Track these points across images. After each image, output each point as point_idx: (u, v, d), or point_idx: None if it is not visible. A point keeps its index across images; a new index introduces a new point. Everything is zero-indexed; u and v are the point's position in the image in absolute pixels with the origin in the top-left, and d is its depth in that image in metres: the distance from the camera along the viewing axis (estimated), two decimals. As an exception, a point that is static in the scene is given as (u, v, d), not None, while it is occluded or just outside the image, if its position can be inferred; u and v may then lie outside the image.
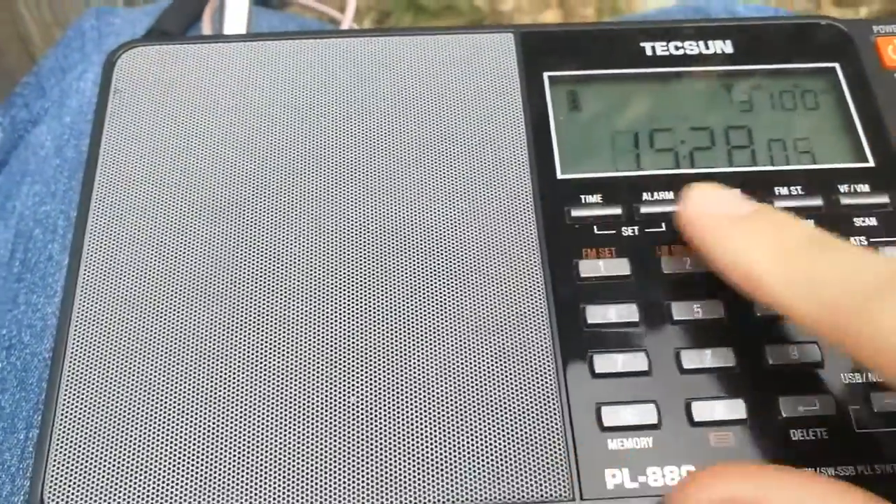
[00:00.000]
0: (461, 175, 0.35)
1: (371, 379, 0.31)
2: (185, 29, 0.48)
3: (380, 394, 0.30)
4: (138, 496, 0.29)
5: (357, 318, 0.32)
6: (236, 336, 0.32)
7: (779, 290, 0.27)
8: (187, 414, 0.30)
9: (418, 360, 0.31)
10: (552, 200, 0.35)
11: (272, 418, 0.30)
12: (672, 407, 0.30)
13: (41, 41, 0.76)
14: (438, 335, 0.31)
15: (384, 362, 0.31)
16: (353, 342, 0.31)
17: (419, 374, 0.31)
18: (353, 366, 0.31)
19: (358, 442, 0.30)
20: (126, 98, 0.37)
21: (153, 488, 0.29)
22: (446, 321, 0.32)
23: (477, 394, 0.30)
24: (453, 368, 0.31)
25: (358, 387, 0.31)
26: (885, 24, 0.39)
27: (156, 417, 0.30)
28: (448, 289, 0.32)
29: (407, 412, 0.30)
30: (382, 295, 0.32)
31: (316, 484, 0.29)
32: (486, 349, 0.31)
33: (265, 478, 0.29)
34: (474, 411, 0.30)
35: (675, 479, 0.29)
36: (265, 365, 0.31)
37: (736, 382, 0.31)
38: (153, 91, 0.37)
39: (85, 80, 0.47)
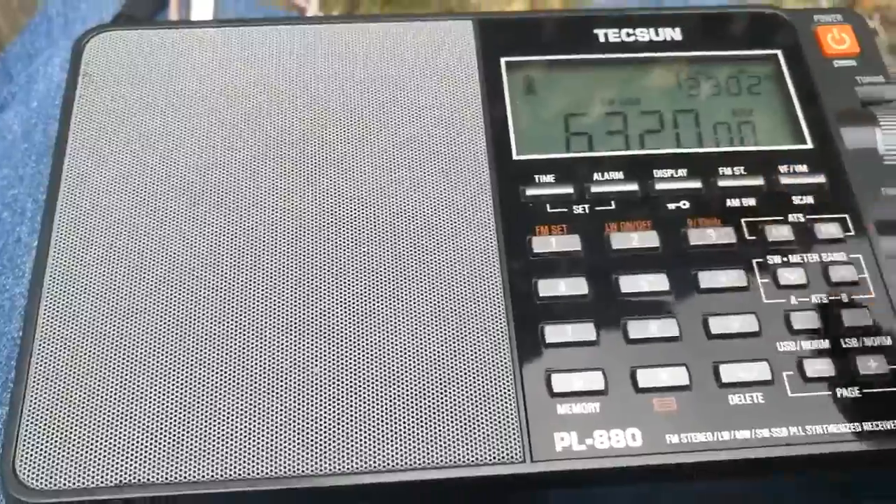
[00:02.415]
0: (421, 155, 0.37)
1: (331, 351, 0.32)
2: (153, 14, 0.48)
3: (339, 365, 0.32)
4: (107, 466, 0.30)
5: (317, 292, 0.33)
6: (200, 314, 0.33)
7: None
8: (155, 386, 0.31)
9: (376, 331, 0.32)
10: (508, 180, 0.36)
11: (239, 390, 0.31)
12: (618, 374, 0.32)
13: (7, 27, 0.76)
14: (396, 307, 0.33)
15: (344, 336, 0.32)
16: (313, 315, 0.33)
17: (376, 344, 0.32)
18: (314, 337, 0.32)
19: (318, 410, 0.31)
20: (95, 82, 0.38)
21: (123, 454, 0.30)
22: (404, 294, 0.33)
23: (432, 362, 0.32)
24: (410, 338, 0.32)
25: (320, 358, 0.32)
26: (825, 14, 0.41)
27: (124, 390, 0.31)
28: (406, 263, 0.34)
29: (363, 380, 0.31)
30: (343, 271, 0.34)
31: (274, 450, 0.30)
32: (443, 320, 0.33)
33: (232, 447, 0.30)
34: (429, 378, 0.31)
35: (621, 442, 0.31)
36: (233, 340, 0.32)
37: (679, 351, 0.32)
38: (121, 75, 0.38)
39: (52, 65, 0.47)
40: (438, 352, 0.32)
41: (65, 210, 0.35)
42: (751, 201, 0.36)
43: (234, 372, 0.31)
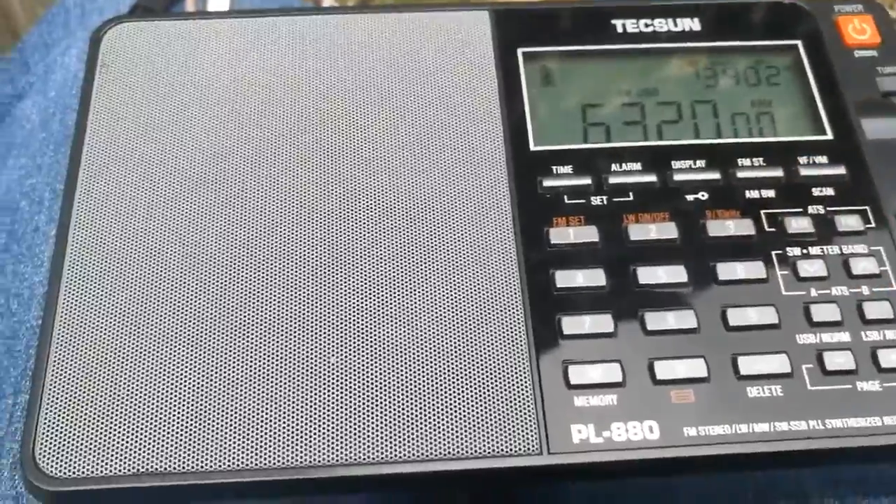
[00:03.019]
0: (438, 147, 0.36)
1: (350, 341, 0.32)
2: (169, 5, 0.48)
3: (358, 355, 0.32)
4: (125, 454, 0.30)
5: (333, 281, 0.33)
6: (217, 304, 0.33)
7: None
8: (173, 375, 0.31)
9: (394, 322, 0.32)
10: (525, 171, 0.36)
11: (257, 379, 0.31)
12: (636, 366, 0.32)
13: (24, 17, 0.76)
14: (412, 297, 0.33)
15: (363, 326, 0.32)
16: (330, 304, 0.33)
17: (395, 335, 0.32)
18: (332, 326, 0.32)
19: (335, 400, 0.31)
20: (113, 73, 0.38)
21: (141, 443, 0.30)
22: (423, 284, 0.33)
23: (450, 353, 0.32)
24: (428, 329, 0.32)
25: (338, 347, 0.32)
26: (846, 4, 0.40)
27: (142, 379, 0.31)
28: (423, 254, 0.34)
29: (382, 371, 0.31)
30: (360, 261, 0.34)
31: (291, 440, 0.30)
32: (460, 311, 0.33)
33: (250, 436, 0.30)
34: (447, 369, 0.31)
35: (638, 435, 0.31)
36: (250, 330, 0.32)
37: (697, 343, 0.32)
38: (139, 66, 0.38)
39: (69, 56, 0.48)
40: (455, 343, 0.32)
41: (83, 199, 0.35)
42: (770, 193, 0.35)
43: (252, 361, 0.32)
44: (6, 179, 0.44)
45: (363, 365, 0.32)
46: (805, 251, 0.34)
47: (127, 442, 0.30)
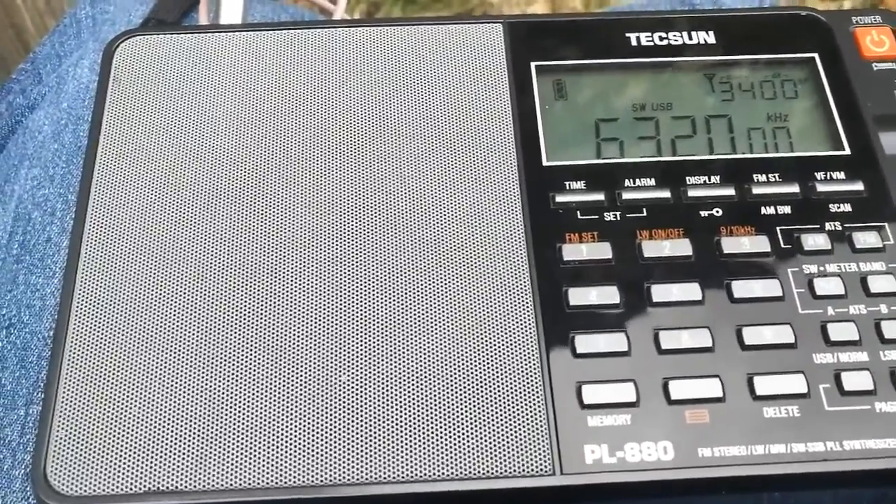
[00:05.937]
0: (450, 161, 0.36)
1: (362, 360, 0.32)
2: (181, 17, 0.48)
3: (369, 374, 0.31)
4: (138, 469, 0.30)
5: (344, 299, 0.33)
6: (231, 319, 0.33)
7: None
8: (187, 390, 0.31)
9: (405, 340, 0.32)
10: (537, 186, 0.36)
11: (269, 398, 0.31)
12: (650, 385, 0.31)
13: (34, 29, 0.77)
14: (423, 315, 0.33)
15: (371, 345, 0.32)
16: (340, 323, 0.32)
17: (403, 353, 0.32)
18: (342, 345, 0.32)
19: (346, 419, 0.31)
20: (125, 86, 0.38)
21: (152, 461, 0.30)
22: (432, 302, 0.33)
23: (461, 372, 0.31)
24: (437, 347, 0.32)
25: (347, 366, 0.32)
26: (864, 16, 0.40)
27: (156, 396, 0.31)
28: (434, 271, 0.34)
29: (393, 390, 0.31)
30: (370, 278, 0.33)
31: (301, 458, 0.30)
32: (471, 330, 0.32)
33: (262, 455, 0.30)
34: (456, 388, 0.31)
35: (653, 455, 0.30)
36: (262, 349, 0.32)
37: (712, 362, 0.32)
38: (151, 79, 0.38)
39: (81, 67, 0.48)
40: (466, 361, 0.32)
41: (96, 211, 0.35)
42: (786, 209, 0.35)
43: (264, 380, 0.31)
44: (19, 190, 0.44)
45: (374, 384, 0.31)
46: (822, 268, 0.34)
47: (137, 460, 0.30)
